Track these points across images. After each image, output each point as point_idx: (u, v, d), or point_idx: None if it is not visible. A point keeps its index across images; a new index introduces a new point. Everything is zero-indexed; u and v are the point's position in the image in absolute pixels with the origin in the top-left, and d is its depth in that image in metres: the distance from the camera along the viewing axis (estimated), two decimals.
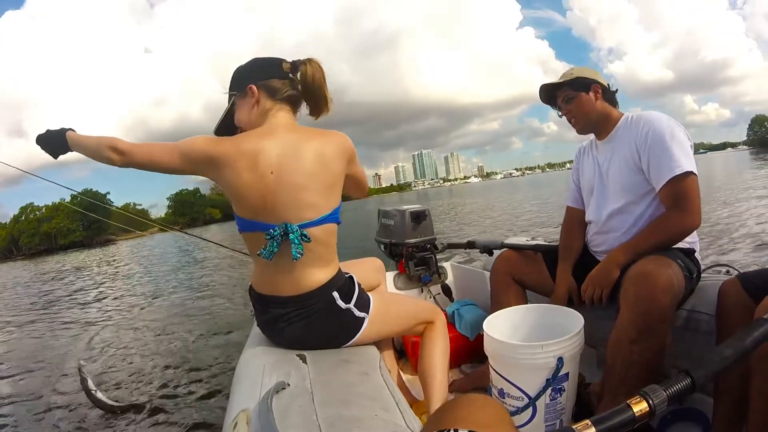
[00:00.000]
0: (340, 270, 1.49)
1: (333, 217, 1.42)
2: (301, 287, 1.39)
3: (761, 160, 37.31)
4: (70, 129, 1.49)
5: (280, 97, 1.46)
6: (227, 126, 1.53)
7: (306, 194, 1.36)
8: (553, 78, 1.94)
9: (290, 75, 1.49)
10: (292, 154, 1.35)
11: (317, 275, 1.40)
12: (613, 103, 1.86)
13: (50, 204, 75.48)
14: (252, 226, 1.37)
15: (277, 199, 1.33)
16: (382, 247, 2.75)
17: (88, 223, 71.01)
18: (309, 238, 1.34)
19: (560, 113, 1.90)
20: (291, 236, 1.31)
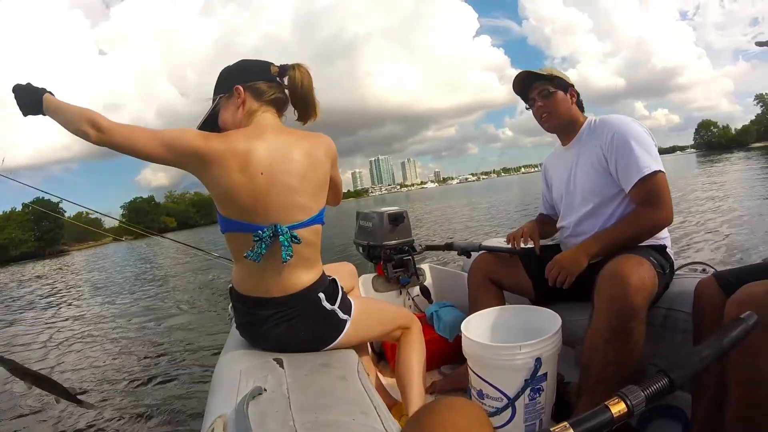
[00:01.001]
0: (324, 272, 1.48)
1: (319, 218, 1.42)
2: (288, 288, 1.37)
3: (706, 162, 39.57)
4: (50, 92, 1.35)
5: (266, 99, 1.45)
6: (210, 127, 1.49)
7: (297, 196, 1.35)
8: (509, 85, 1.94)
9: (277, 79, 1.48)
10: (282, 156, 1.34)
11: (304, 276, 1.40)
12: (581, 109, 1.90)
13: (1, 213, 71.50)
14: (238, 226, 1.34)
15: (269, 201, 1.31)
16: (360, 249, 2.74)
17: (40, 233, 68.97)
18: (299, 240, 1.33)
19: (529, 105, 1.91)
20: (281, 238, 1.30)
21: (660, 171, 1.61)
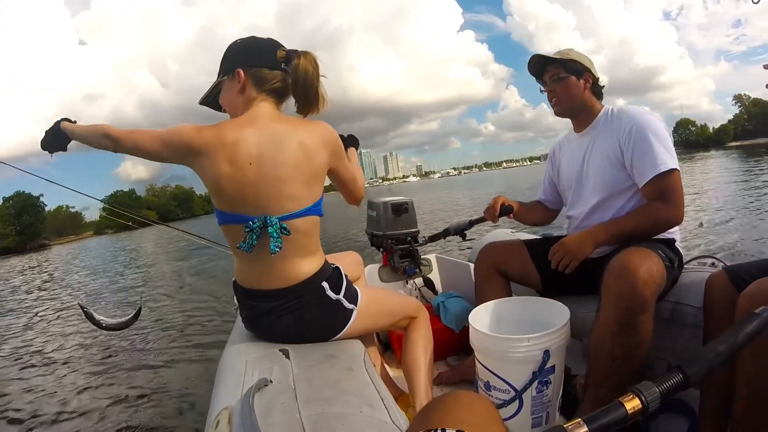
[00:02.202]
0: (326, 261, 1.46)
1: (315, 210, 1.39)
2: (290, 279, 1.36)
3: (687, 159, 40.44)
4: (64, 119, 1.55)
5: (267, 87, 1.41)
6: (215, 97, 1.49)
7: (288, 186, 1.32)
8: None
9: (282, 65, 1.43)
10: (273, 145, 1.31)
11: (305, 267, 1.37)
12: (599, 96, 1.85)
13: None
14: (231, 218, 1.33)
15: (259, 191, 1.29)
16: (368, 238, 2.73)
17: (21, 227, 68.28)
18: (289, 231, 1.31)
19: (543, 89, 1.89)
20: (270, 229, 1.28)
21: (676, 169, 1.59)
